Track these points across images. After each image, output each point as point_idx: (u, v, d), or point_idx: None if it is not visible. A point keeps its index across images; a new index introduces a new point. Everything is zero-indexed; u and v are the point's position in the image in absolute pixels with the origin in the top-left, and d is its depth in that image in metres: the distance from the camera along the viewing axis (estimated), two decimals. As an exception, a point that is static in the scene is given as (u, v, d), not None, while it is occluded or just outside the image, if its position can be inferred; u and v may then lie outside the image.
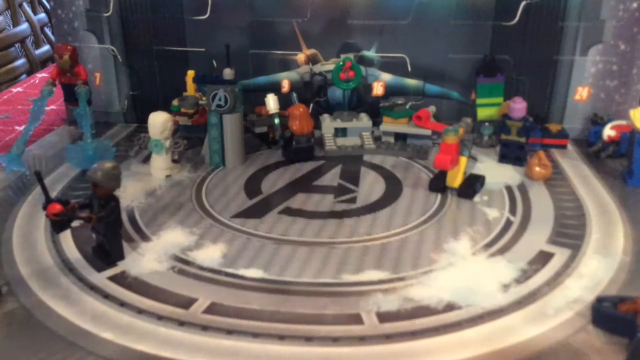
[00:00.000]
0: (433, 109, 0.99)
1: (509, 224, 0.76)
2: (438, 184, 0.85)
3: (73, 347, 0.55)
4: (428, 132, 0.97)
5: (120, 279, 0.65)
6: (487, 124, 0.99)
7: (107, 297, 0.62)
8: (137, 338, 0.57)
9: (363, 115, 1.00)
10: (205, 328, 0.58)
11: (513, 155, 0.92)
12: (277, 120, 0.95)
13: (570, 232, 0.74)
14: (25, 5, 1.92)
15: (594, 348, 0.55)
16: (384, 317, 0.59)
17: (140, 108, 1.09)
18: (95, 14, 1.05)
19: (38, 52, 1.91)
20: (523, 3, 0.96)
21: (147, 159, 0.93)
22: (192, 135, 0.99)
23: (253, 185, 0.87)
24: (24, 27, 1.87)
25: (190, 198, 0.84)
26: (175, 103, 0.97)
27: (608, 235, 0.73)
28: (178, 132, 0.97)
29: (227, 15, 1.03)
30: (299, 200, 0.83)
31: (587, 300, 0.61)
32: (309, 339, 0.57)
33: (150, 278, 0.66)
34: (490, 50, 0.99)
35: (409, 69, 1.03)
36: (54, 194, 0.83)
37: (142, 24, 1.05)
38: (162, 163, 0.89)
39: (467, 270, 0.67)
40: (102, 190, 0.65)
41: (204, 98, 0.91)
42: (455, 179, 0.84)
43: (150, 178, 0.89)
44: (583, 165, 0.92)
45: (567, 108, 1.01)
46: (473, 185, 0.84)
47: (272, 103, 0.94)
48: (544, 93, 1.01)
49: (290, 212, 0.80)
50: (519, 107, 0.90)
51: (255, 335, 0.57)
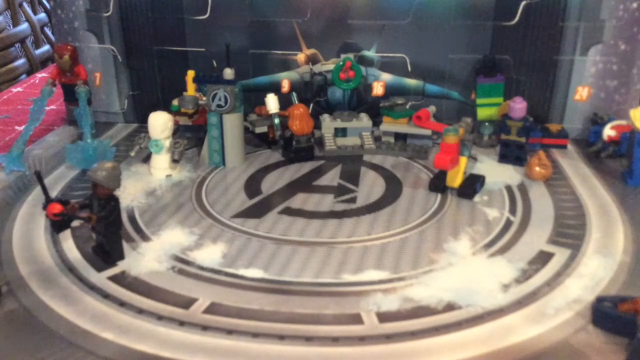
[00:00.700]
0: (433, 109, 0.99)
1: (509, 224, 0.76)
2: (438, 184, 0.85)
3: (73, 347, 0.55)
4: (428, 132, 0.97)
5: (120, 279, 0.65)
6: (487, 124, 0.99)
7: (107, 297, 0.62)
8: (137, 338, 0.57)
9: (363, 115, 1.00)
10: (205, 328, 0.58)
11: (513, 155, 0.92)
12: (277, 120, 0.95)
13: (570, 232, 0.74)
14: (25, 5, 1.92)
15: (594, 348, 0.55)
16: (384, 317, 0.59)
17: (140, 108, 1.09)
18: (95, 14, 1.05)
19: (38, 52, 1.91)
20: (523, 3, 0.96)
21: (147, 159, 0.93)
22: (192, 135, 0.99)
23: (253, 185, 0.87)
24: (24, 27, 1.87)
25: (190, 198, 0.84)
26: (175, 103, 0.97)
27: (608, 235, 0.73)
28: (178, 132, 0.97)
29: (227, 15, 1.03)
30: (299, 200, 0.83)
31: (587, 300, 0.61)
32: (309, 339, 0.57)
33: (150, 278, 0.66)
34: (490, 50, 0.99)
35: (409, 69, 1.03)
36: (54, 194, 0.83)
37: (142, 24, 1.05)
38: (162, 163, 0.89)
39: (467, 270, 0.67)
40: (102, 190, 0.65)
41: (204, 98, 0.91)
42: (455, 179, 0.84)
43: (150, 178, 0.89)
44: (583, 165, 0.92)
45: (567, 108, 1.01)
46: (473, 185, 0.84)
47: (272, 103, 0.94)
48: (544, 93, 1.01)
49: (290, 212, 0.80)
50: (519, 107, 0.90)
51: (255, 335, 0.57)
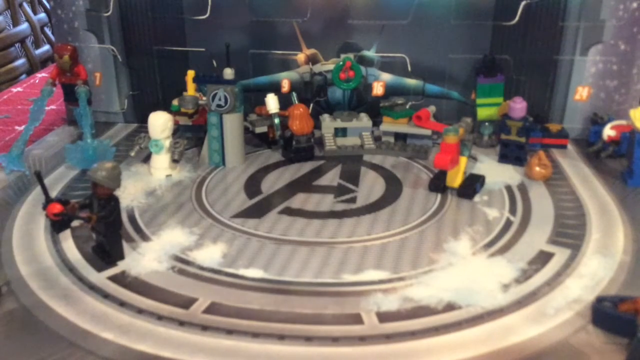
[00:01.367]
0: (433, 109, 0.99)
1: (509, 224, 0.76)
2: (438, 184, 0.85)
3: (73, 347, 0.55)
4: (428, 132, 0.97)
5: (120, 279, 0.65)
6: (487, 124, 0.99)
7: (107, 297, 0.62)
8: (137, 338, 0.57)
9: (363, 115, 1.00)
10: (205, 328, 0.58)
11: (513, 155, 0.92)
12: (277, 120, 0.95)
13: (570, 232, 0.74)
14: (25, 5, 1.92)
15: (594, 348, 0.55)
16: (384, 317, 0.59)
17: (140, 108, 1.09)
18: (95, 14, 1.05)
19: (38, 52, 1.91)
20: (523, 3, 0.96)
21: (147, 159, 0.93)
22: (192, 135, 0.99)
23: (253, 185, 0.87)
24: (24, 27, 1.87)
25: (190, 198, 0.84)
26: (175, 103, 0.97)
27: (608, 235, 0.73)
28: (178, 132, 0.97)
29: (227, 15, 1.03)
30: (299, 200, 0.83)
31: (587, 300, 0.61)
32: (309, 339, 0.57)
33: (150, 278, 0.66)
34: (490, 50, 0.99)
35: (409, 69, 1.03)
36: (54, 194, 0.83)
37: (142, 24, 1.05)
38: (162, 163, 0.89)
39: (467, 270, 0.67)
40: (102, 190, 0.65)
41: (204, 98, 0.91)
42: (455, 179, 0.84)
43: (150, 178, 0.89)
44: (583, 165, 0.92)
45: (567, 108, 1.01)
46: (473, 185, 0.84)
47: (272, 103, 0.94)
48: (544, 93, 1.01)
49: (290, 212, 0.80)
50: (519, 107, 0.90)
51: (255, 335, 0.57)
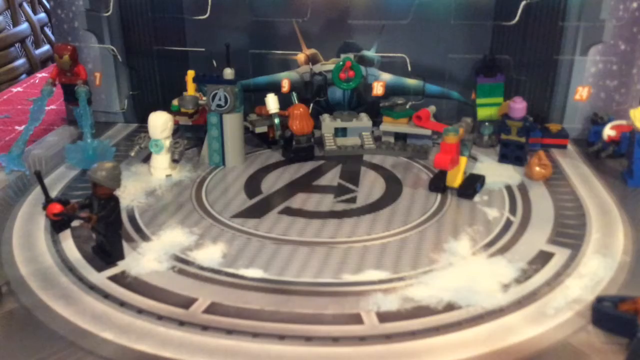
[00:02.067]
0: (433, 109, 0.99)
1: (509, 224, 0.76)
2: (438, 184, 0.85)
3: (73, 347, 0.55)
4: (428, 132, 0.97)
5: (120, 279, 0.65)
6: (487, 124, 0.99)
7: (107, 297, 0.62)
8: (137, 338, 0.57)
9: (363, 115, 1.00)
10: (205, 328, 0.58)
11: (513, 155, 0.92)
12: (277, 120, 0.95)
13: (570, 232, 0.74)
14: (25, 5, 1.92)
15: (594, 348, 0.55)
16: (384, 317, 0.59)
17: (140, 108, 1.09)
18: (95, 14, 1.05)
19: (38, 52, 1.91)
20: (523, 3, 0.96)
21: (147, 159, 0.93)
22: (192, 135, 0.99)
23: (253, 185, 0.87)
24: (24, 27, 1.87)
25: (190, 198, 0.84)
26: (175, 103, 0.97)
27: (608, 235, 0.73)
28: (178, 132, 0.97)
29: (227, 15, 1.03)
30: (299, 200, 0.83)
31: (587, 300, 0.61)
32: (309, 339, 0.57)
33: (150, 278, 0.66)
34: (490, 50, 0.99)
35: (409, 69, 1.03)
36: (54, 194, 0.83)
37: (142, 24, 1.05)
38: (162, 163, 0.89)
39: (467, 270, 0.67)
40: (102, 190, 0.65)
41: (204, 98, 0.91)
42: (455, 179, 0.84)
43: (150, 178, 0.89)
44: (583, 165, 0.92)
45: (567, 108, 1.01)
46: (473, 185, 0.84)
47: (272, 103, 0.94)
48: (544, 93, 1.01)
49: (290, 212, 0.80)
50: (519, 107, 0.90)
51: (255, 335, 0.57)
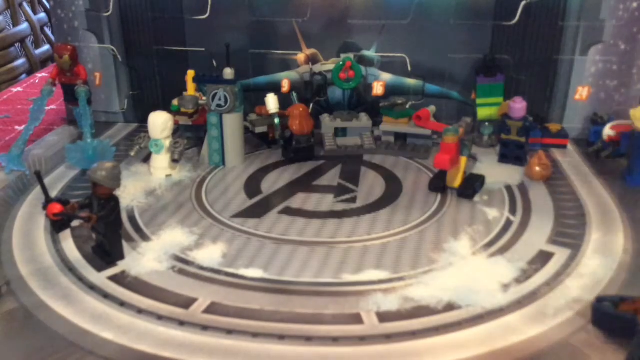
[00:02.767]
0: (433, 109, 0.99)
1: (509, 224, 0.76)
2: (438, 184, 0.85)
3: (73, 347, 0.55)
4: (428, 132, 0.97)
5: (120, 279, 0.65)
6: (487, 124, 0.99)
7: (107, 297, 0.62)
8: (137, 338, 0.57)
9: (363, 115, 1.00)
10: (205, 328, 0.58)
11: (513, 155, 0.92)
12: (277, 120, 0.95)
13: (570, 232, 0.74)
14: (25, 5, 1.92)
15: (594, 348, 0.55)
16: (384, 317, 0.59)
17: (140, 108, 1.09)
18: (95, 14, 1.05)
19: (38, 52, 1.91)
20: (523, 3, 0.96)
21: (147, 159, 0.93)
22: (192, 135, 0.99)
23: (253, 185, 0.87)
24: (24, 26, 1.87)
25: (190, 198, 0.84)
26: (175, 103, 0.97)
27: (608, 235, 0.73)
28: (178, 132, 0.97)
29: (227, 15, 1.03)
30: (299, 200, 0.83)
31: (587, 300, 0.61)
32: (309, 339, 0.57)
33: (150, 278, 0.66)
34: (490, 50, 0.99)
35: (409, 69, 1.03)
36: (54, 194, 0.83)
37: (142, 24, 1.05)
38: (162, 163, 0.89)
39: (467, 270, 0.67)
40: (102, 190, 0.65)
41: (204, 98, 0.91)
42: (455, 179, 0.84)
43: (150, 178, 0.89)
44: (583, 165, 0.92)
45: (567, 108, 1.01)
46: (473, 185, 0.84)
47: (272, 103, 0.94)
48: (544, 93, 1.01)
49: (290, 212, 0.80)
50: (519, 107, 0.90)
51: (255, 335, 0.57)
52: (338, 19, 1.01)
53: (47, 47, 1.97)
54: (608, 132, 0.93)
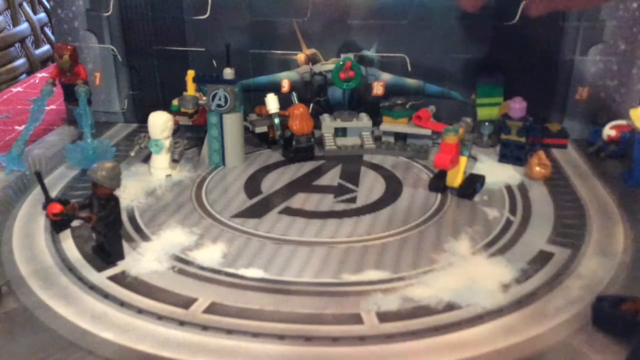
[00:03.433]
0: (433, 109, 0.99)
1: (509, 224, 0.76)
2: (438, 184, 0.85)
3: (73, 347, 0.55)
4: (428, 132, 0.97)
5: (120, 279, 0.65)
6: (487, 124, 0.99)
7: (107, 297, 0.62)
8: (137, 338, 0.57)
9: (363, 115, 1.00)
10: (205, 328, 0.58)
11: (513, 155, 0.92)
12: (277, 120, 0.95)
13: (570, 232, 0.74)
14: (25, 5, 1.92)
15: (594, 348, 0.55)
16: (384, 317, 0.59)
17: (140, 108, 1.09)
18: (95, 14, 1.05)
19: (38, 52, 1.91)
20: (523, 3, 0.96)
21: (147, 159, 0.93)
22: (192, 135, 0.99)
23: (253, 185, 0.87)
24: (24, 26, 1.87)
25: (190, 198, 0.84)
26: (175, 103, 0.97)
27: (608, 235, 0.73)
28: (178, 132, 0.97)
29: (227, 15, 1.03)
30: (299, 200, 0.83)
31: (587, 300, 0.61)
32: (309, 339, 0.57)
33: (150, 278, 0.66)
34: (490, 50, 0.99)
35: (409, 69, 1.03)
36: (54, 194, 0.83)
37: (142, 24, 1.05)
38: (162, 163, 0.89)
39: (467, 270, 0.67)
40: (102, 190, 0.65)
41: (204, 98, 0.91)
42: (455, 179, 0.84)
43: (150, 178, 0.89)
44: (583, 165, 0.92)
45: (567, 108, 1.01)
46: (473, 185, 0.84)
47: (272, 103, 0.94)
48: (544, 93, 1.01)
49: (290, 212, 0.80)
50: (519, 107, 0.90)
51: (255, 335, 0.57)
52: (338, 19, 1.01)
53: (47, 47, 1.97)
54: (608, 132, 0.93)
